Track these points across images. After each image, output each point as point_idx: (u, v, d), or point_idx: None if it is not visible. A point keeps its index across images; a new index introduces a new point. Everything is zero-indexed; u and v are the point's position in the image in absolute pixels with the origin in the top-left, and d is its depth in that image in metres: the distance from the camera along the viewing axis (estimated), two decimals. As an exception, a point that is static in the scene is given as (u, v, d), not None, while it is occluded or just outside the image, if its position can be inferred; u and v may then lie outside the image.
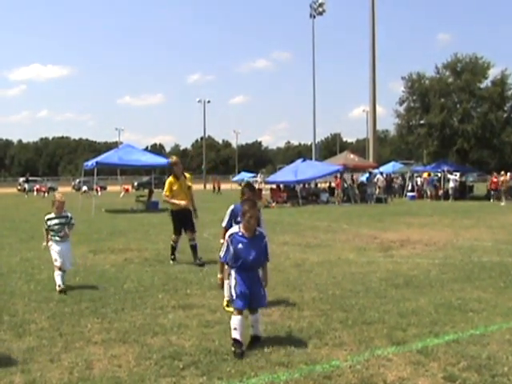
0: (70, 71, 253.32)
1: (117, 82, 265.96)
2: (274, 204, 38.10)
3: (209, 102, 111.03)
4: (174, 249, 13.71)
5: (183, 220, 13.74)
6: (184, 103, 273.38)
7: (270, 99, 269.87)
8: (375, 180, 44.19)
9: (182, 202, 13.54)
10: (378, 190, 43.58)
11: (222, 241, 8.31)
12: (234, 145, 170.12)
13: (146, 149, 50.44)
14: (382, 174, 47.21)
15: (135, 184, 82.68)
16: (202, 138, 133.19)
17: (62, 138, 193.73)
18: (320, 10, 73.68)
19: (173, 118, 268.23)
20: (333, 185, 44.23)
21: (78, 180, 70.02)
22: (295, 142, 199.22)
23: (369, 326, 7.54)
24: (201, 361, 6.24)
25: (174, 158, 14.19)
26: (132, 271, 12.10)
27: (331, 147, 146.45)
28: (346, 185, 42.22)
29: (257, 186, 43.17)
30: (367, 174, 44.52)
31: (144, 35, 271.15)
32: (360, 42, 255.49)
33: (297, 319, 7.95)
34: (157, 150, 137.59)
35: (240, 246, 6.91)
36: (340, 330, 7.40)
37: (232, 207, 9.33)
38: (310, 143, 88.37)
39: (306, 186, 44.26)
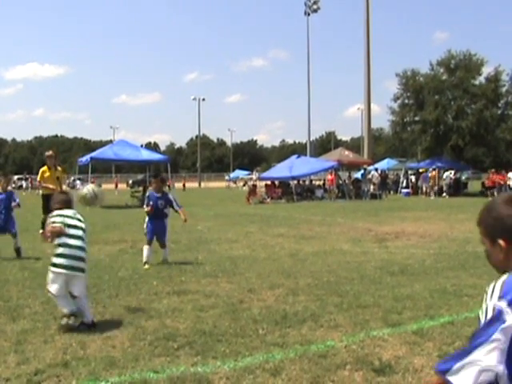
0: (67, 70, 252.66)
1: (113, 81, 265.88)
2: (268, 200, 38.07)
3: (203, 99, 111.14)
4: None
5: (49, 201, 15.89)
6: (180, 102, 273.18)
7: (265, 98, 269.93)
8: (370, 176, 44.17)
9: (51, 186, 16.12)
10: (372, 186, 43.56)
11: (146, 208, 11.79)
12: (229, 143, 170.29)
13: (141, 147, 50.67)
14: (376, 170, 47.17)
15: (130, 182, 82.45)
16: (196, 137, 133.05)
17: (57, 136, 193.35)
18: (315, 7, 73.77)
19: (169, 117, 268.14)
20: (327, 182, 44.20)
21: (72, 178, 69.89)
22: (290, 141, 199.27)
23: (364, 310, 7.53)
24: (195, 341, 6.23)
25: (49, 152, 17.39)
26: (126, 260, 12.08)
27: (326, 145, 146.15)
28: (340, 181, 42.20)
29: (251, 182, 43.19)
30: (362, 171, 44.50)
31: (141, 34, 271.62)
32: (355, 40, 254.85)
33: (291, 303, 7.94)
34: (152, 148, 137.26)
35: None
36: (335, 313, 7.39)
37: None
38: (304, 141, 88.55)
39: (301, 182, 44.22)
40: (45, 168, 16.86)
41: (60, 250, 6.82)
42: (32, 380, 5.25)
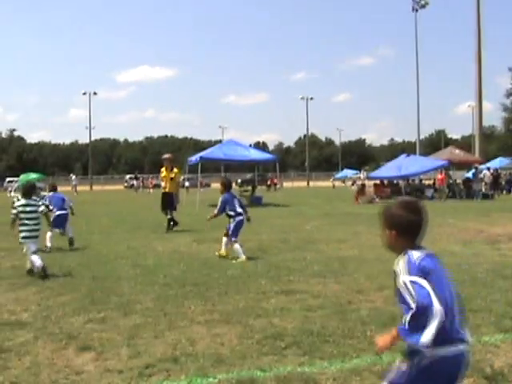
0: (177, 72, 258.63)
1: (222, 82, 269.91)
2: (377, 199, 37.62)
3: (311, 99, 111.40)
4: (170, 221, 18.49)
5: (165, 199, 18.95)
6: (288, 102, 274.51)
7: (373, 96, 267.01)
8: (481, 176, 42.91)
9: (162, 184, 19.59)
10: (484, 186, 42.28)
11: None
12: (337, 142, 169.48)
13: (250, 146, 51.14)
14: (488, 169, 45.80)
15: (238, 181, 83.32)
16: (305, 136, 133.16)
17: (167, 136, 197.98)
18: (422, 2, 72.52)
19: (276, 117, 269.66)
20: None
21: (182, 177, 71.27)
22: (399, 139, 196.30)
23: (475, 314, 7.30)
24: (303, 341, 6.21)
25: (165, 155, 19.68)
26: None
27: (436, 144, 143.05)
28: (451, 180, 41.20)
29: (360, 182, 42.83)
30: (473, 170, 43.29)
31: (248, 35, 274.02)
32: (465, 35, 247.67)
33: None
34: (260, 147, 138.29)
35: None
36: (445, 316, 7.20)
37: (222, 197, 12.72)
38: (414, 140, 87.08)
39: (410, 181, 43.47)
40: (162, 169, 19.30)
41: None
42: (143, 373, 5.39)
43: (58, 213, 14.80)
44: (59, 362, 5.77)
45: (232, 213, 12.45)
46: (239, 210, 12.55)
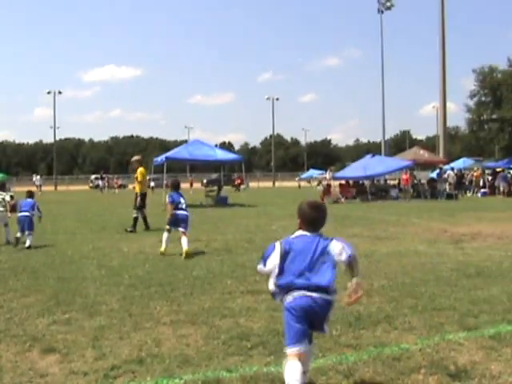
0: (143, 72, 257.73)
1: (188, 82, 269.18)
2: (343, 199, 37.84)
3: (277, 99, 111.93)
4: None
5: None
6: (254, 102, 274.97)
7: (339, 97, 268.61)
8: (446, 176, 43.39)
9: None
10: (448, 186, 42.75)
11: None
12: (303, 142, 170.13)
13: (216, 146, 51.29)
14: (452, 169, 46.32)
15: (204, 181, 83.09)
16: (270, 136, 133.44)
17: (132, 136, 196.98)
18: (388, 4, 73.11)
19: (243, 117, 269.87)
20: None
21: (148, 177, 71.08)
22: (364, 140, 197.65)
23: (439, 312, 7.40)
24: (269, 341, 6.24)
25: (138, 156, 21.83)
26: (201, 259, 12.20)
27: (400, 144, 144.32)
28: (415, 181, 41.60)
29: (325, 182, 42.97)
30: (437, 170, 43.73)
31: (215, 34, 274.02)
32: (430, 37, 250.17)
33: (366, 305, 7.85)
34: (226, 147, 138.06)
35: None
36: (409, 315, 7.28)
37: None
38: (379, 140, 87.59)
39: (376, 181, 43.80)
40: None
41: None
42: (108, 375, 5.37)
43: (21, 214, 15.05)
44: (23, 364, 5.72)
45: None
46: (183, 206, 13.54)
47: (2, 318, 7.52)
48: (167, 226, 13.36)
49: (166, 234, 13.30)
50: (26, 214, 15.03)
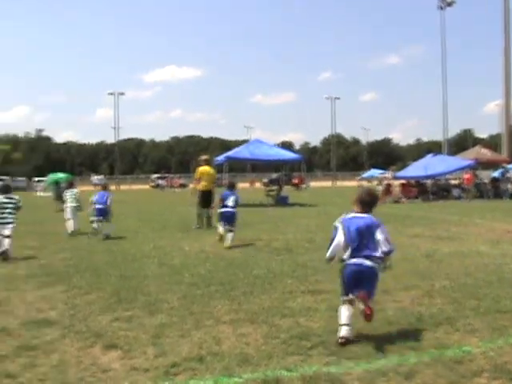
0: (204, 72, 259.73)
1: (248, 82, 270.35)
2: (404, 199, 37.43)
3: (337, 98, 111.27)
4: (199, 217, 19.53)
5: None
6: (314, 101, 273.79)
7: (400, 95, 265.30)
8: (509, 175, 42.42)
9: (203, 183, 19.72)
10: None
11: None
12: (364, 142, 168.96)
13: (276, 146, 51.35)
14: (517, 169, 45.24)
15: (264, 180, 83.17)
16: (331, 136, 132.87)
17: (193, 136, 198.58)
18: (449, 0, 71.93)
19: (303, 116, 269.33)
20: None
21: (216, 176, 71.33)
22: (426, 139, 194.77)
23: (503, 315, 7.22)
24: (329, 341, 6.20)
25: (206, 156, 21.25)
26: (261, 259, 12.19)
27: (462, 143, 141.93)
28: (478, 180, 40.83)
29: (386, 181, 42.60)
30: (500, 169, 42.82)
31: (276, 34, 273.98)
32: (493, 33, 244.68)
33: (427, 306, 7.74)
34: (286, 147, 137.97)
35: None
36: (472, 317, 7.13)
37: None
38: (440, 139, 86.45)
39: (437, 181, 43.13)
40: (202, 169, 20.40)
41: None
42: (169, 372, 5.42)
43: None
44: (86, 360, 5.81)
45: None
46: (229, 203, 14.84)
47: (67, 314, 7.67)
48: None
49: (219, 227, 15.02)
50: (101, 206, 16.86)
